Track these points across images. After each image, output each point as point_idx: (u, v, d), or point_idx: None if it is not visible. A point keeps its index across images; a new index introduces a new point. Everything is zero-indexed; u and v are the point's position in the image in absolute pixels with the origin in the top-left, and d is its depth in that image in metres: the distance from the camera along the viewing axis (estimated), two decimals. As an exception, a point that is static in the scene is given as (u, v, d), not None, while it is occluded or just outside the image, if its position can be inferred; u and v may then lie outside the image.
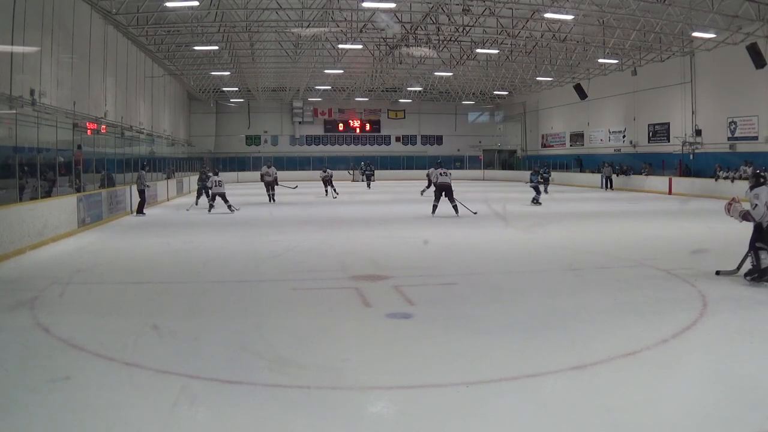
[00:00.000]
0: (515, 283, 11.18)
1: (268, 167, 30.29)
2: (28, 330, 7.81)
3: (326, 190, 33.22)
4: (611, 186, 39.45)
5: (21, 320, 8.26)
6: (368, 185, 43.35)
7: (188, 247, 15.48)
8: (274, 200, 29.04)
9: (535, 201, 27.02)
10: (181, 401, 5.52)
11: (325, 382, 6.07)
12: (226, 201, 24.16)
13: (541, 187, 29.00)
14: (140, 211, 23.53)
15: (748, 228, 10.46)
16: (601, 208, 25.48)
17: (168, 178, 34.48)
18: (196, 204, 26.33)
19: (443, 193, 21.49)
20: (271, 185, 29.50)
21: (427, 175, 31.93)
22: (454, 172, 57.40)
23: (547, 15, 29.04)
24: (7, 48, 19.37)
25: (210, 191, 25.03)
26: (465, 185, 38.78)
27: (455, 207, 21.27)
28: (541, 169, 31.82)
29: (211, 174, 26.27)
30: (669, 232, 17.89)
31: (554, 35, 34.85)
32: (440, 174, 21.86)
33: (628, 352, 6.71)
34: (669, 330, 7.50)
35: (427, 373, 6.34)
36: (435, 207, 21.62)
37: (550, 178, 35.10)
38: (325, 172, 34.02)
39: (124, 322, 8.20)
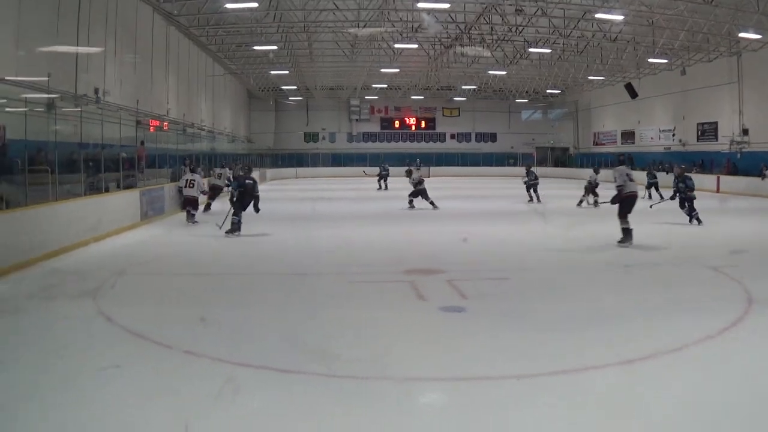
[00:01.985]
0: (565, 278, 11.15)
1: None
2: (90, 319, 8.10)
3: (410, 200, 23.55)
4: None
5: (84, 309, 8.55)
6: (382, 186, 36.26)
7: (247, 241, 15.68)
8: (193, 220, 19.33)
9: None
10: (233, 389, 5.68)
11: (376, 372, 6.18)
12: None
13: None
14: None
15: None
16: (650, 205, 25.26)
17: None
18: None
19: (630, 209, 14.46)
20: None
21: (590, 183, 24.85)
22: (506, 170, 57.17)
23: (598, 15, 29.00)
24: (73, 48, 19.94)
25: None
26: (510, 182, 38.99)
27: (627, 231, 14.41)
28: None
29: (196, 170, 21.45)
30: (717, 229, 17.62)
31: (605, 35, 34.56)
32: (628, 177, 14.44)
33: (674, 348, 6.70)
34: (715, 327, 7.45)
35: (478, 366, 6.41)
36: (628, 232, 14.30)
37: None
38: (418, 168, 25.35)
39: (183, 312, 8.48)
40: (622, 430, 5.00)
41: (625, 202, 14.30)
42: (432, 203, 22.96)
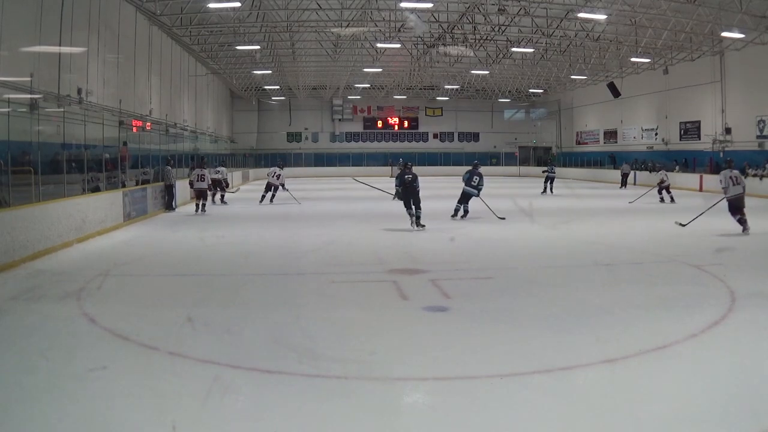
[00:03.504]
0: (549, 277, 11.23)
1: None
2: (74, 320, 8.08)
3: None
4: (625, 184, 38.89)
5: (68, 310, 8.54)
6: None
7: (229, 241, 15.72)
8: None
9: None
10: (220, 389, 5.70)
11: (361, 372, 6.21)
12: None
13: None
14: (169, 206, 23.15)
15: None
16: (633, 204, 25.38)
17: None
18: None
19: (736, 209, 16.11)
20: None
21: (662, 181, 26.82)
22: (489, 169, 57.90)
23: (581, 15, 29.14)
24: (55, 48, 19.84)
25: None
26: (501, 181, 39.00)
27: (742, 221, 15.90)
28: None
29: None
30: (700, 228, 17.78)
31: (588, 34, 34.91)
32: (732, 181, 16.00)
33: (658, 347, 6.76)
34: (698, 325, 7.54)
35: (462, 365, 6.45)
36: (742, 221, 15.88)
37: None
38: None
39: (168, 313, 8.45)
40: (608, 429, 5.03)
41: (730, 204, 16.07)
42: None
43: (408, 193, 17.37)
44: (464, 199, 19.76)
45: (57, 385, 5.85)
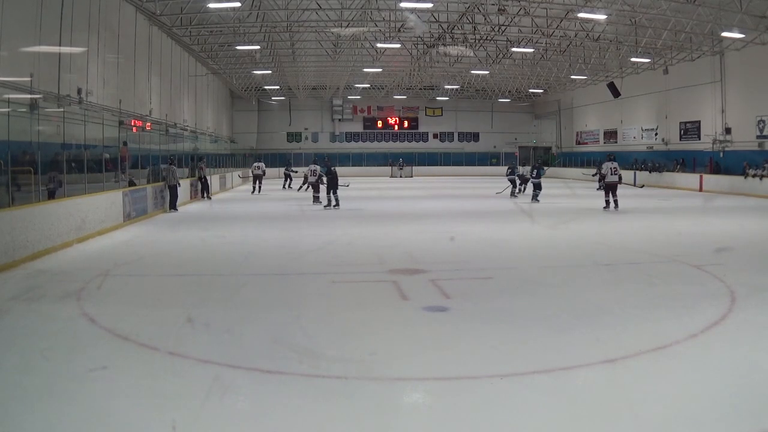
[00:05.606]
0: (549, 277, 11.21)
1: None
2: (74, 320, 8.07)
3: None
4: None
5: (68, 310, 8.53)
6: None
7: (229, 241, 15.72)
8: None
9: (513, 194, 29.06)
10: (220, 389, 5.70)
11: (362, 372, 6.21)
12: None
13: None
14: (173, 206, 23.24)
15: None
16: (632, 204, 25.32)
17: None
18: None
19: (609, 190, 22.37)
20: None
21: (522, 175, 31.23)
22: (489, 169, 57.90)
23: (581, 15, 29.03)
24: (55, 48, 19.84)
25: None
26: (501, 181, 38.88)
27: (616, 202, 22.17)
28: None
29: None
30: (700, 228, 17.79)
31: (588, 34, 34.86)
32: (612, 170, 22.15)
33: (658, 347, 6.76)
34: (698, 325, 7.53)
35: (463, 365, 6.44)
36: (607, 203, 22.32)
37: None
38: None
39: (168, 313, 8.44)
40: (608, 429, 5.04)
41: (608, 186, 22.14)
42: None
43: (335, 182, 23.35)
44: (536, 187, 26.54)
45: (57, 385, 5.84)
